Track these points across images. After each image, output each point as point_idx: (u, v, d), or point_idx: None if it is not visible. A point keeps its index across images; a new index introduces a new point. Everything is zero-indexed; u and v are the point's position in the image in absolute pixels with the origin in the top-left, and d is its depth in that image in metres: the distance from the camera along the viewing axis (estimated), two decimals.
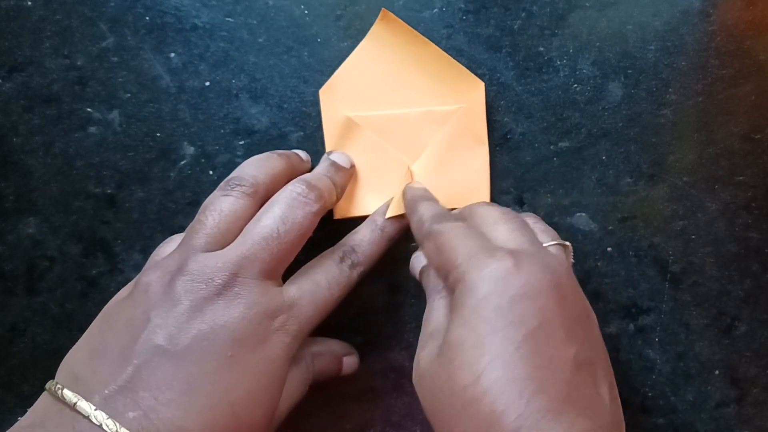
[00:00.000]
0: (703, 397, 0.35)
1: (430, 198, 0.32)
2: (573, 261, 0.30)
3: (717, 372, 0.35)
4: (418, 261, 0.31)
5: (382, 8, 0.33)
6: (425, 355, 0.26)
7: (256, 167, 0.30)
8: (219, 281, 0.26)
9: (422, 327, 0.28)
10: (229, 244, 0.27)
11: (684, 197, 0.34)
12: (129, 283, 0.29)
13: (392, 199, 0.33)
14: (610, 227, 0.34)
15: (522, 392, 0.22)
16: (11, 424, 0.25)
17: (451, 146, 0.34)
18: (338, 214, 0.34)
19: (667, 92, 0.34)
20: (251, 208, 0.28)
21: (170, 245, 0.29)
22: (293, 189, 0.29)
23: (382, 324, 0.35)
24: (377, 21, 0.33)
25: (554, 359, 0.23)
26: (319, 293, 0.28)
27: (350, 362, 0.33)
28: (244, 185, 0.28)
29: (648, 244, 0.34)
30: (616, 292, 0.35)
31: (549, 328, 0.24)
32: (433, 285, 0.28)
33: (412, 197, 0.32)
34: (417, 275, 0.31)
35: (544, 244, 0.28)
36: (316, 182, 0.30)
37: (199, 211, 0.28)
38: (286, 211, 0.28)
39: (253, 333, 0.26)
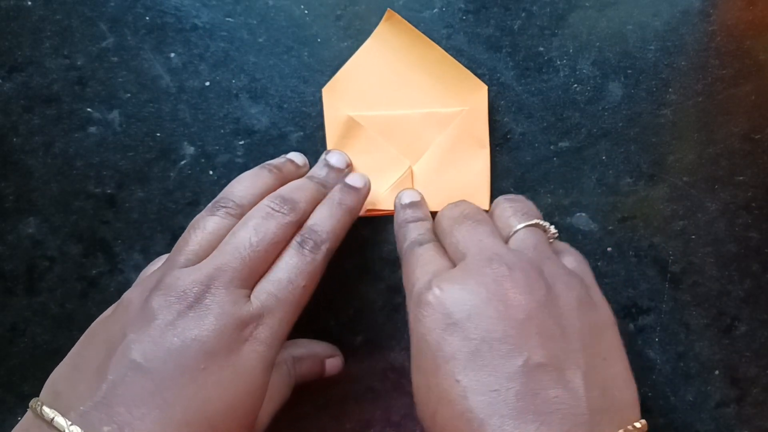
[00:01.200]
0: (703, 397, 0.35)
1: (416, 219, 0.32)
2: (553, 239, 0.29)
3: (717, 372, 0.35)
4: None
5: (388, 9, 0.33)
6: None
7: (245, 187, 0.30)
8: (191, 294, 0.26)
9: None
10: None
11: (684, 197, 0.34)
12: (116, 302, 0.29)
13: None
14: (610, 227, 0.34)
15: (471, 426, 0.23)
16: (11, 424, 0.25)
17: (452, 148, 0.34)
18: None
19: (667, 92, 0.34)
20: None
21: (158, 264, 0.30)
22: (267, 203, 0.29)
23: (382, 324, 0.35)
24: (382, 21, 0.33)
25: (500, 377, 0.23)
26: (283, 292, 0.27)
27: (333, 364, 0.33)
28: (229, 206, 0.29)
29: (648, 244, 0.34)
30: (616, 292, 0.35)
31: (488, 347, 0.24)
32: None
33: (401, 219, 0.32)
34: None
35: (516, 227, 0.28)
36: (292, 195, 0.29)
37: (185, 230, 0.29)
38: (259, 222, 0.28)
39: (224, 344, 0.25)
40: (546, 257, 0.27)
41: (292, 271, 0.28)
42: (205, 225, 0.28)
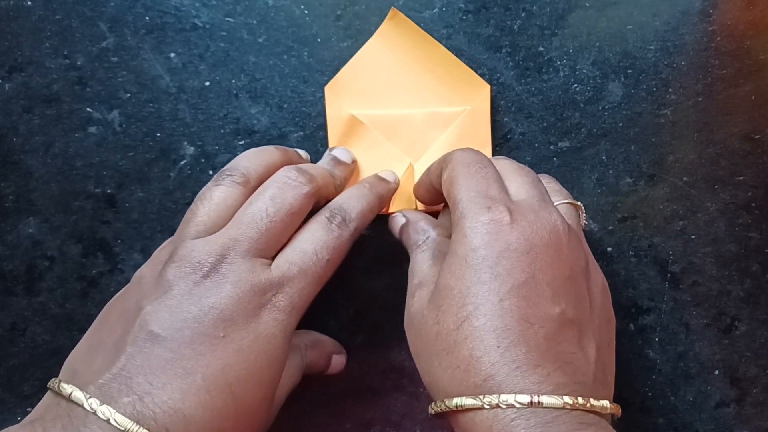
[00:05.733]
0: (703, 397, 0.35)
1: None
2: (585, 223, 0.31)
3: (717, 372, 0.35)
4: (397, 220, 0.32)
5: (392, 7, 0.33)
6: (416, 301, 0.27)
7: (249, 158, 0.30)
8: (207, 264, 0.26)
9: (408, 281, 0.29)
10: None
11: (684, 197, 0.34)
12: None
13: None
14: (610, 227, 0.34)
15: (500, 342, 0.23)
16: (11, 424, 0.25)
17: (454, 148, 0.33)
18: None
19: (667, 92, 0.34)
20: (243, 197, 0.28)
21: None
22: (284, 173, 0.29)
23: (382, 324, 0.35)
24: (386, 20, 0.33)
25: (538, 314, 0.24)
26: (308, 263, 0.27)
27: (338, 361, 0.33)
28: (234, 175, 0.29)
29: (648, 244, 0.34)
30: (616, 292, 0.35)
31: (535, 285, 0.24)
32: (413, 240, 0.30)
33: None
34: (397, 233, 0.31)
35: (555, 203, 0.29)
36: (308, 168, 0.29)
37: (193, 203, 0.29)
38: (276, 192, 0.28)
39: (242, 311, 0.25)
40: (583, 236, 0.28)
41: (317, 243, 0.28)
42: (211, 195, 0.28)
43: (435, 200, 0.32)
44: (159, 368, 0.24)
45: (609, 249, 0.35)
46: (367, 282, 0.35)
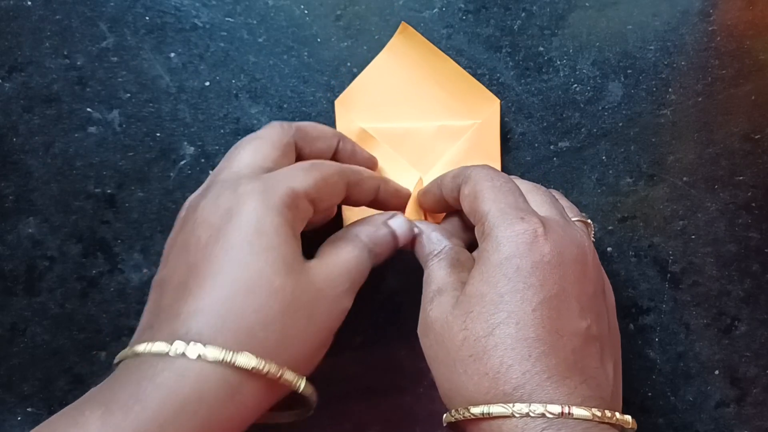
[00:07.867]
0: (703, 397, 0.35)
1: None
2: (594, 239, 0.31)
3: (717, 372, 0.35)
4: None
5: (402, 22, 0.33)
6: (435, 306, 0.27)
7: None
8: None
9: (424, 289, 0.28)
10: None
11: (684, 197, 0.34)
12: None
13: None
14: (610, 227, 0.34)
15: (531, 352, 0.23)
16: (11, 424, 0.25)
17: (463, 161, 0.33)
18: (348, 223, 0.34)
19: (667, 92, 0.34)
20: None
21: None
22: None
23: (382, 324, 0.35)
24: (396, 34, 0.33)
25: (566, 328, 0.24)
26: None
27: (401, 228, 0.30)
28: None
29: (648, 244, 0.34)
30: (616, 292, 0.34)
31: (566, 298, 0.25)
32: (428, 250, 0.30)
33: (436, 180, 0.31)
34: (408, 243, 0.31)
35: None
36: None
37: None
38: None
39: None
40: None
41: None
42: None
43: (440, 210, 0.32)
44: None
45: (609, 249, 0.35)
46: (366, 282, 0.35)
